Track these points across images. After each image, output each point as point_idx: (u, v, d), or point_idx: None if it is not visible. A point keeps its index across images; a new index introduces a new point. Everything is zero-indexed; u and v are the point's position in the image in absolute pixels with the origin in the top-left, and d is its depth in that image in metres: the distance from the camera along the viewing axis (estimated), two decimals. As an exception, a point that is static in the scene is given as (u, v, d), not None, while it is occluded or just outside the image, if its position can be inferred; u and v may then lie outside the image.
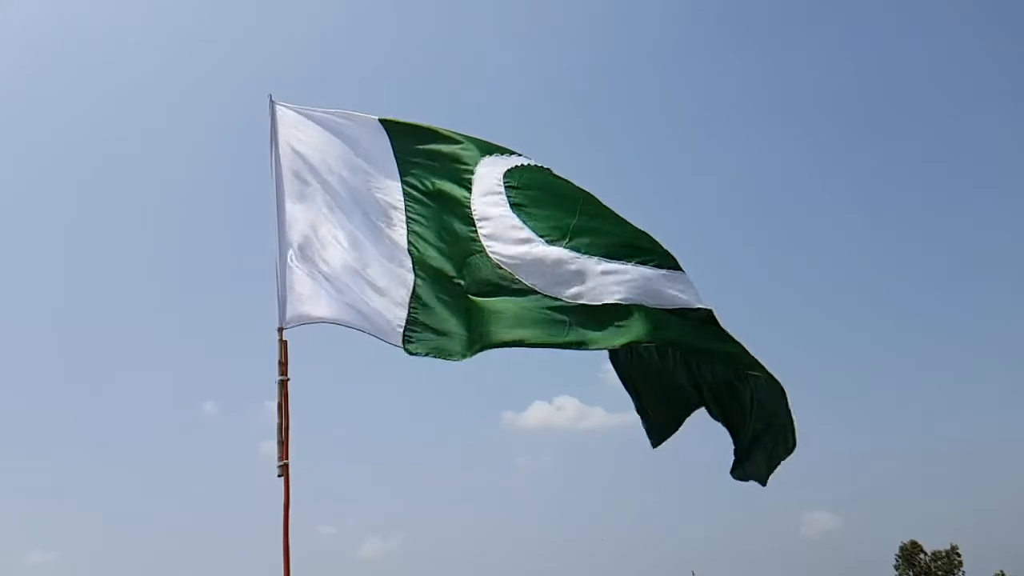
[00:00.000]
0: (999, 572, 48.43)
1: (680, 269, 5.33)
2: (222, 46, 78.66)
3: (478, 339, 5.27)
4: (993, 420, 71.18)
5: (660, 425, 5.48)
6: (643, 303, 5.11)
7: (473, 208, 5.63)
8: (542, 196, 5.62)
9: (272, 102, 6.04)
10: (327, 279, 5.60)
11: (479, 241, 5.51)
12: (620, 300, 5.11)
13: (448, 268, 5.58)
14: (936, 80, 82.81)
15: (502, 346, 5.22)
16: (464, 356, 5.31)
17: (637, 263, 5.26)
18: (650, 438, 5.49)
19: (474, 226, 5.57)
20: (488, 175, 5.73)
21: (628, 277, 5.20)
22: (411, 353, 5.39)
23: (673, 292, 5.20)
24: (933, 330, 77.31)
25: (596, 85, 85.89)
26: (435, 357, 5.37)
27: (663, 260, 5.32)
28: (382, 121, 6.05)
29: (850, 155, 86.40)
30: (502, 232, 5.50)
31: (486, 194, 5.66)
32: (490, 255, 5.45)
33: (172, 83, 78.93)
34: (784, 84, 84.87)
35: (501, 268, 5.38)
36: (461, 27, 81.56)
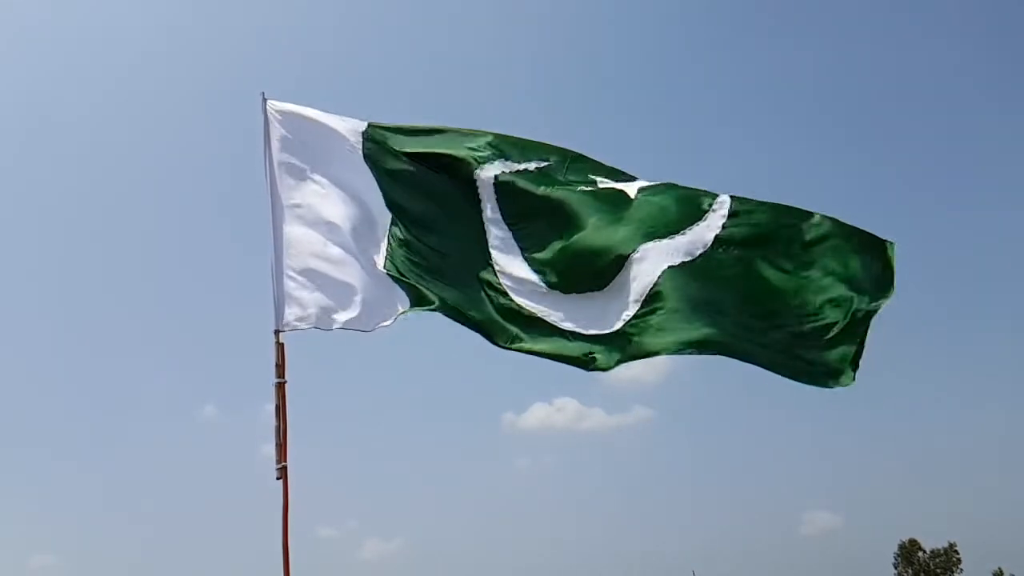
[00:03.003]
0: (997, 569, 48.55)
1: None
2: (220, 46, 78.70)
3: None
4: (993, 420, 71.52)
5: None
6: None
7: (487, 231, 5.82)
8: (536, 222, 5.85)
9: (264, 100, 5.96)
10: (324, 278, 5.54)
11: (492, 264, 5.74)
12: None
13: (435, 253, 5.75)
14: (930, 81, 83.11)
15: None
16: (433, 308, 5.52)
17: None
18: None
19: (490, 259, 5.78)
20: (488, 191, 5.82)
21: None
22: (389, 274, 5.55)
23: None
24: (931, 330, 77.59)
25: (593, 84, 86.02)
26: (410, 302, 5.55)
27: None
28: (370, 125, 6.00)
29: (846, 154, 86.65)
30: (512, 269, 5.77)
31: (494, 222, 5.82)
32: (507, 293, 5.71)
33: (170, 83, 79.06)
34: (782, 84, 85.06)
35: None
36: (459, 26, 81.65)
